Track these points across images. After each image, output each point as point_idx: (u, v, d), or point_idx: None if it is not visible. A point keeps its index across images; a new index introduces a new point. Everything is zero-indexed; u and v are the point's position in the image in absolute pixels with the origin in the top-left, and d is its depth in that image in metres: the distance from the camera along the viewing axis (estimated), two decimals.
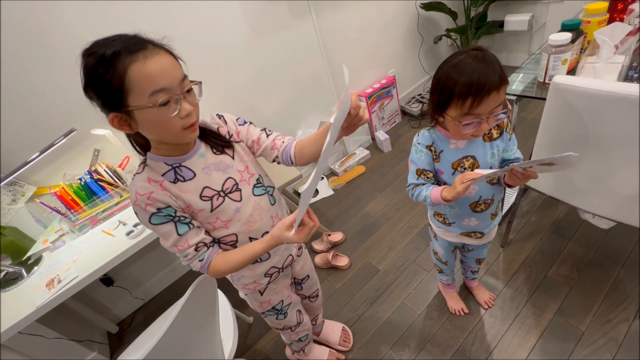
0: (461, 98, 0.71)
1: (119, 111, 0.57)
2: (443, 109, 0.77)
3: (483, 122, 0.74)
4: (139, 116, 0.58)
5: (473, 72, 0.69)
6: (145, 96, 0.55)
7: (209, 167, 0.72)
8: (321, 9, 1.98)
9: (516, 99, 1.19)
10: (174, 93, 0.57)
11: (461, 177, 0.77)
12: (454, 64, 0.72)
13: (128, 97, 0.55)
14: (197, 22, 1.56)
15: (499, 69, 0.70)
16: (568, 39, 1.03)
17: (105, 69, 0.53)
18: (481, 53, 0.72)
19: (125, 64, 0.53)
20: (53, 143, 1.18)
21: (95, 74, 0.54)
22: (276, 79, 1.97)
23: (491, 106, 0.72)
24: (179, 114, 0.59)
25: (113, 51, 0.53)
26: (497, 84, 0.69)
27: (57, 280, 1.09)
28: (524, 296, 1.32)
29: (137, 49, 0.54)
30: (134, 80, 0.54)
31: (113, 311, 1.80)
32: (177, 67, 0.60)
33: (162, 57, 0.57)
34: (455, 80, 0.71)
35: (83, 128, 1.33)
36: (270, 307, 0.97)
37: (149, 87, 0.55)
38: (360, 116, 0.65)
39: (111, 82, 0.53)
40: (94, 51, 0.54)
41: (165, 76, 0.56)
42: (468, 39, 2.55)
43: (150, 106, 0.56)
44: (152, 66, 0.54)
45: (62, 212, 1.25)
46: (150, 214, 0.65)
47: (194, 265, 0.72)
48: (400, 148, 2.41)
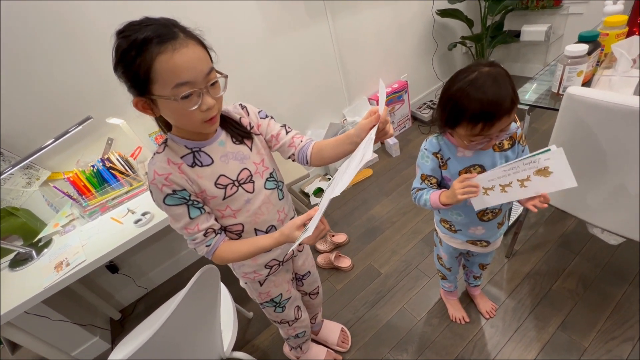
0: (472, 122, 0.71)
1: (143, 96, 0.59)
2: (453, 126, 0.76)
3: (492, 140, 0.75)
4: (161, 104, 0.59)
5: (486, 95, 0.68)
6: (168, 88, 0.56)
7: (227, 156, 0.73)
8: (337, 10, 1.99)
9: (528, 109, 1.18)
10: (197, 87, 0.58)
11: (460, 182, 0.77)
12: (467, 82, 0.71)
13: (153, 86, 0.56)
14: (216, 19, 1.59)
15: (511, 89, 0.70)
16: (585, 51, 1.02)
17: (135, 55, 0.54)
18: (494, 71, 0.70)
19: (153, 54, 0.54)
20: (69, 129, 1.21)
21: (125, 57, 0.55)
22: (289, 78, 1.99)
23: (501, 127, 0.72)
24: (199, 107, 0.60)
25: (144, 37, 0.53)
26: (509, 108, 0.69)
27: (66, 263, 1.11)
28: (527, 308, 1.31)
29: (167, 39, 0.54)
30: (160, 72, 0.55)
31: (116, 298, 1.83)
32: (204, 60, 0.59)
33: (190, 50, 0.56)
34: (468, 103, 0.70)
35: (99, 116, 1.36)
36: (268, 298, 0.98)
37: (173, 80, 0.55)
38: (386, 130, 0.67)
39: (138, 69, 0.55)
40: (127, 34, 0.55)
41: (191, 70, 0.57)
42: (483, 47, 2.53)
43: (173, 99, 0.57)
44: (178, 59, 0.55)
45: (73, 198, 1.28)
46: (165, 195, 0.67)
47: (200, 250, 0.73)
48: (409, 153, 2.40)
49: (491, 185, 0.76)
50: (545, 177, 0.71)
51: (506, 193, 0.76)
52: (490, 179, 0.75)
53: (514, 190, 0.75)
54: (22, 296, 1.04)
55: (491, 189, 0.76)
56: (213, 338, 0.94)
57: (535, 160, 0.70)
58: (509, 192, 0.76)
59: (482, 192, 0.77)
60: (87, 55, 1.33)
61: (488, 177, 0.75)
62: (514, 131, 0.84)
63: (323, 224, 0.67)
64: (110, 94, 1.43)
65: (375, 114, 0.67)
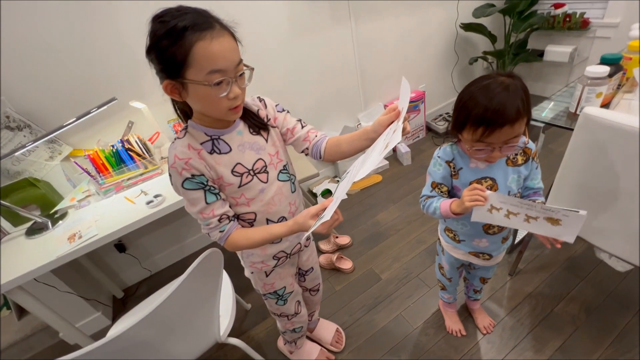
0: (474, 125, 0.72)
1: (175, 80, 0.61)
2: (459, 129, 0.78)
3: (495, 151, 0.75)
4: (192, 89, 0.62)
5: (491, 100, 0.69)
6: (203, 73, 0.59)
7: (243, 145, 0.76)
8: (361, 14, 2.02)
9: (543, 127, 1.18)
10: (228, 75, 0.61)
11: (469, 190, 0.77)
12: (478, 87, 0.72)
13: (187, 70, 0.59)
14: (245, 15, 1.63)
15: (521, 101, 0.69)
16: (606, 73, 1.02)
17: (173, 40, 0.56)
18: (509, 81, 0.71)
19: (192, 40, 0.56)
20: (91, 110, 1.26)
21: (162, 42, 0.57)
22: (308, 79, 2.02)
23: (503, 138, 0.72)
24: (227, 95, 0.62)
25: (183, 26, 0.56)
26: (513, 118, 0.69)
27: (78, 235, 1.16)
28: (526, 328, 1.29)
29: (205, 28, 0.57)
30: (197, 57, 0.57)
31: (121, 277, 1.88)
32: (236, 51, 0.62)
33: (225, 40, 0.59)
34: (473, 106, 0.71)
35: (123, 99, 1.42)
36: (272, 290, 1.00)
37: (208, 66, 0.58)
38: (404, 127, 0.67)
39: (175, 53, 0.57)
40: (165, 20, 0.57)
41: (225, 58, 0.59)
42: (505, 64, 2.52)
43: (205, 84, 0.60)
44: (216, 47, 0.58)
45: (91, 175, 1.33)
46: (184, 179, 0.69)
47: (214, 235, 0.75)
48: (420, 163, 2.40)
49: (499, 207, 0.76)
50: (552, 225, 0.72)
51: (509, 219, 0.76)
52: (502, 202, 0.75)
53: (517, 220, 0.75)
54: (35, 262, 1.09)
55: (497, 210, 0.76)
56: (211, 321, 0.97)
57: (555, 211, 0.70)
58: (512, 220, 0.76)
59: (488, 209, 0.77)
60: (120, 40, 1.40)
61: (501, 199, 0.74)
62: (522, 146, 0.84)
63: (337, 214, 0.67)
64: (136, 79, 1.49)
65: (395, 110, 0.68)
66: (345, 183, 0.68)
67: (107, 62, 1.41)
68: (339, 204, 0.63)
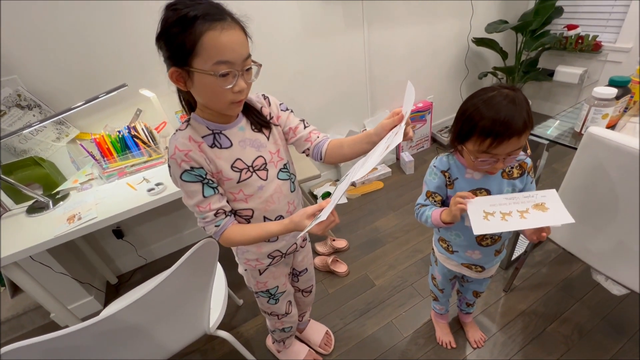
0: (482, 136, 0.72)
1: (181, 68, 0.62)
2: (463, 140, 0.78)
3: (499, 162, 0.75)
4: (197, 78, 0.62)
5: (499, 112, 0.70)
6: (210, 63, 0.59)
7: (244, 141, 0.76)
8: (374, 20, 2.03)
9: (547, 145, 1.18)
10: (235, 68, 0.61)
11: (454, 197, 0.77)
12: (484, 99, 0.73)
13: (194, 58, 0.59)
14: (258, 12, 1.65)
15: (526, 114, 0.70)
16: (613, 94, 1.02)
17: (183, 28, 0.57)
18: (513, 94, 0.71)
19: (202, 29, 0.57)
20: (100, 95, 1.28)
21: (172, 29, 0.58)
22: (316, 81, 2.03)
23: (510, 149, 0.73)
24: (232, 88, 0.63)
25: (195, 14, 0.56)
26: (520, 129, 0.70)
27: (78, 217, 1.17)
28: (517, 345, 1.28)
29: (216, 19, 0.58)
30: (205, 46, 0.58)
31: (116, 263, 1.89)
32: (245, 45, 0.63)
33: (235, 32, 0.60)
34: (480, 117, 0.72)
35: (133, 86, 1.44)
36: (265, 288, 1.00)
37: (216, 56, 0.59)
38: (406, 131, 0.68)
39: (184, 40, 0.58)
40: (178, 8, 0.58)
41: (234, 51, 0.60)
42: (514, 81, 2.53)
43: (211, 74, 0.60)
44: (225, 38, 0.58)
45: (96, 158, 1.35)
46: (183, 170, 0.69)
47: (209, 229, 0.75)
48: (423, 173, 2.36)
49: (492, 211, 0.76)
50: (543, 212, 0.73)
51: (506, 222, 0.76)
52: (492, 204, 0.76)
53: (514, 220, 0.75)
54: (33, 240, 1.10)
55: (492, 215, 0.76)
56: (201, 311, 0.97)
57: (533, 195, 0.74)
58: (509, 221, 0.76)
59: (483, 217, 0.77)
60: (134, 28, 1.42)
61: (489, 201, 0.76)
62: (522, 159, 0.84)
63: (333, 216, 0.67)
64: (147, 67, 1.51)
65: (398, 114, 0.68)
66: (344, 185, 0.69)
67: (120, 49, 1.44)
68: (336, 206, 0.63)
